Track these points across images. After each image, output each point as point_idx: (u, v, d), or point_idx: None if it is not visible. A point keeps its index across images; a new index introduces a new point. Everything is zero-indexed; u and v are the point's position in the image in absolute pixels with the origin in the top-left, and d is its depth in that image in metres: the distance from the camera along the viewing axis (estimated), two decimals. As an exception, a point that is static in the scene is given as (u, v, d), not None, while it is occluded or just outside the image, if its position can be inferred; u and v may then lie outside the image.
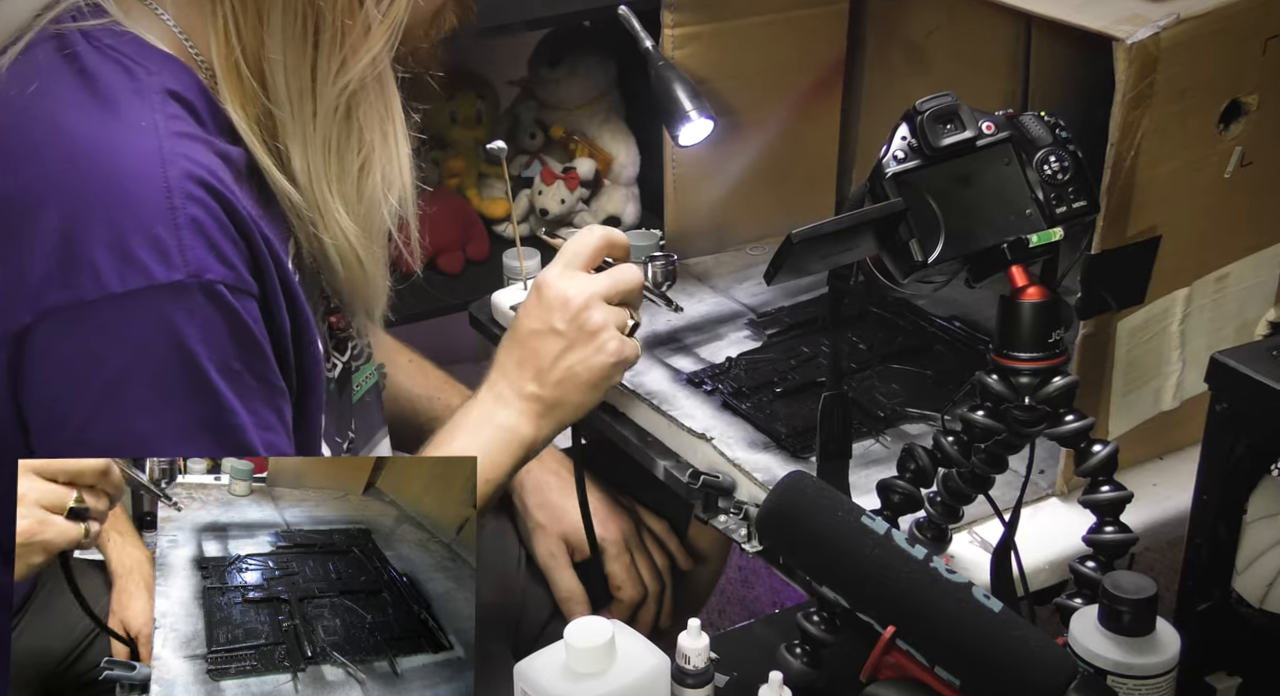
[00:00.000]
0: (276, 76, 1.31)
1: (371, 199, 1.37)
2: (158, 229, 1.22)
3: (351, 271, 1.40)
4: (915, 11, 2.00)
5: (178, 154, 1.25)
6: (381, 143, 1.37)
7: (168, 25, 1.34)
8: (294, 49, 1.30)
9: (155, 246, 1.22)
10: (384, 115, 1.37)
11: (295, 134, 1.33)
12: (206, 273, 1.23)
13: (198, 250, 1.23)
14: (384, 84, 1.36)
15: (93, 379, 1.23)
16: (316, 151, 1.33)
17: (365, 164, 1.36)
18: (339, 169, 1.35)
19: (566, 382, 1.55)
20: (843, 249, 1.36)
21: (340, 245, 1.37)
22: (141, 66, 1.30)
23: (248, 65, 1.31)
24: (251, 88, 1.31)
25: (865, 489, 1.52)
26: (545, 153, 2.70)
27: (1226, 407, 1.26)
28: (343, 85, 1.32)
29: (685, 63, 1.89)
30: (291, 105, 1.32)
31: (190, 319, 1.23)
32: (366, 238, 1.38)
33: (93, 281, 1.21)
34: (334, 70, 1.31)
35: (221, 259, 1.25)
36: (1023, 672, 1.17)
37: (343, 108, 1.33)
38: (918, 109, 1.35)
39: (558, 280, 1.57)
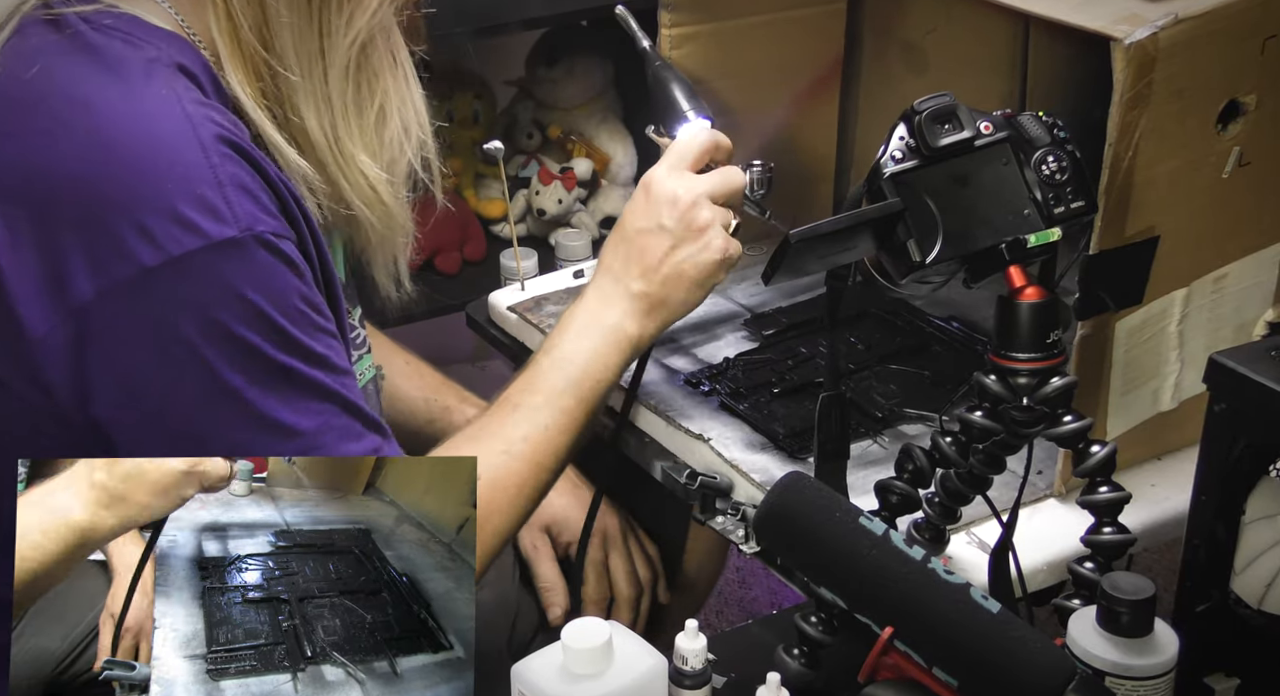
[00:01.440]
0: (284, 42, 1.31)
1: (392, 143, 1.39)
2: (203, 189, 1.22)
3: (380, 220, 1.41)
4: (913, 11, 2.00)
5: (202, 116, 1.25)
6: (394, 89, 1.38)
7: (163, 8, 1.34)
8: (300, 12, 1.31)
9: (204, 206, 1.22)
10: (393, 62, 1.38)
11: (308, 97, 1.33)
12: (258, 225, 1.24)
13: (245, 204, 1.24)
14: (389, 32, 1.37)
15: (169, 345, 1.23)
16: (333, 108, 1.34)
17: (381, 112, 1.38)
18: (359, 123, 1.36)
19: (673, 280, 1.55)
20: (841, 249, 1.36)
21: (366, 196, 1.38)
22: (147, 43, 1.30)
23: (254, 36, 1.31)
24: (258, 59, 1.32)
25: (863, 489, 1.52)
26: (542, 153, 2.70)
27: (1225, 408, 1.27)
28: (351, 39, 1.33)
29: (682, 62, 1.89)
30: (302, 69, 1.32)
31: (251, 272, 1.24)
32: (392, 184, 1.40)
33: (150, 249, 1.21)
34: (342, 26, 1.32)
35: (266, 212, 1.25)
36: (1021, 673, 1.17)
37: (354, 63, 1.34)
38: (916, 109, 1.35)
39: (666, 178, 1.56)
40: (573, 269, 2.10)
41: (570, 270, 2.10)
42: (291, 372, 1.27)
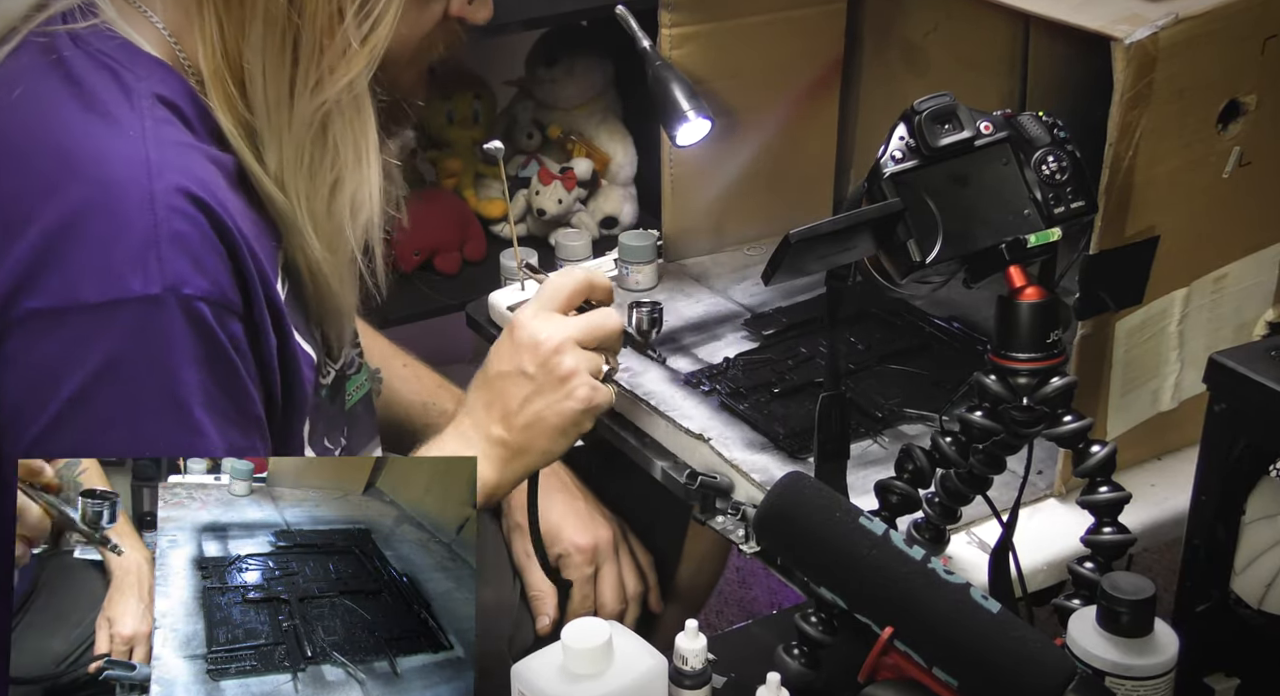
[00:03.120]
0: (255, 85, 1.30)
1: (339, 219, 1.35)
2: (138, 241, 1.21)
3: (319, 287, 1.39)
4: (913, 11, 2.00)
5: (166, 163, 1.24)
6: (354, 164, 1.35)
7: (157, 29, 1.34)
8: (272, 61, 1.30)
9: (135, 258, 1.21)
10: (358, 137, 1.35)
11: (272, 145, 1.32)
12: (185, 287, 1.22)
13: (178, 263, 1.22)
14: (360, 106, 1.34)
15: (62, 385, 1.22)
16: (289, 164, 1.32)
17: (337, 183, 1.35)
18: (309, 185, 1.33)
19: (533, 428, 1.51)
20: (841, 249, 1.36)
21: (309, 259, 1.36)
22: (130, 71, 1.30)
23: (230, 72, 1.31)
24: (232, 95, 1.31)
25: (863, 489, 1.52)
26: (542, 153, 2.70)
27: (1225, 408, 1.27)
28: (318, 103, 1.31)
29: (683, 62, 1.89)
30: (269, 115, 1.31)
31: (165, 334, 1.22)
32: (332, 256, 1.37)
33: (69, 289, 1.20)
34: (310, 86, 1.31)
35: (203, 273, 1.23)
36: (1021, 673, 1.17)
37: (317, 124, 1.32)
38: (916, 109, 1.35)
39: (530, 321, 1.52)
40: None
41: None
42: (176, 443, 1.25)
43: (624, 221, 2.65)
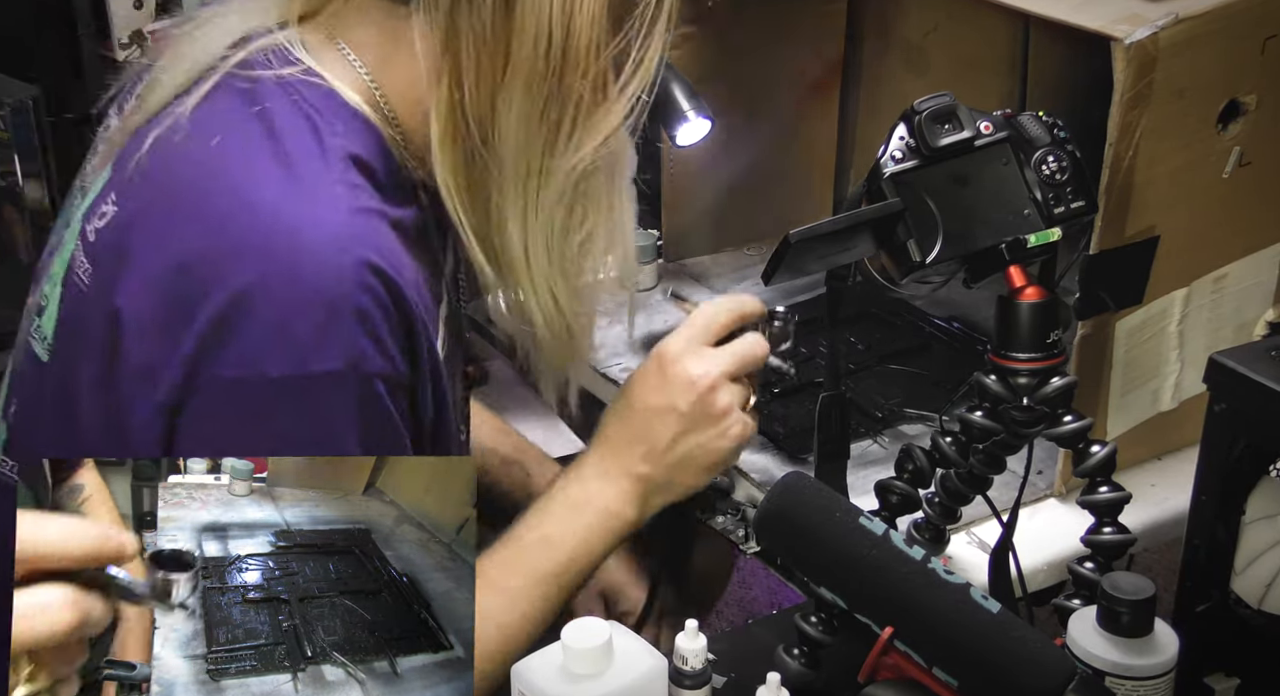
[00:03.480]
0: (505, 150, 1.23)
1: (591, 272, 1.32)
2: (323, 315, 1.16)
3: (560, 342, 1.34)
4: (913, 11, 2.00)
5: (358, 236, 1.19)
6: (606, 218, 1.31)
7: (359, 73, 1.27)
8: (529, 125, 1.23)
9: (319, 332, 1.16)
10: (612, 190, 1.31)
11: (515, 208, 1.25)
12: (365, 364, 1.18)
13: (360, 340, 1.17)
14: (616, 160, 1.30)
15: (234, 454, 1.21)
16: (538, 227, 1.26)
17: (588, 238, 1.30)
18: (562, 246, 1.28)
19: (681, 465, 1.44)
20: (840, 249, 1.36)
21: (550, 318, 1.31)
22: (329, 126, 1.23)
23: (476, 129, 1.23)
24: (474, 152, 1.24)
25: (863, 489, 1.52)
26: (542, 153, 2.69)
27: (1225, 408, 1.26)
28: (574, 163, 1.25)
29: (683, 62, 1.89)
30: (518, 178, 1.24)
31: (343, 409, 1.18)
32: (579, 304, 1.33)
33: (253, 360, 1.16)
34: (569, 149, 1.24)
35: (382, 351, 1.19)
36: (1021, 673, 1.17)
37: (572, 187, 1.26)
38: (915, 109, 1.35)
39: (683, 356, 1.44)
40: (572, 269, 2.10)
41: (570, 270, 2.10)
42: None
43: (624, 221, 2.64)
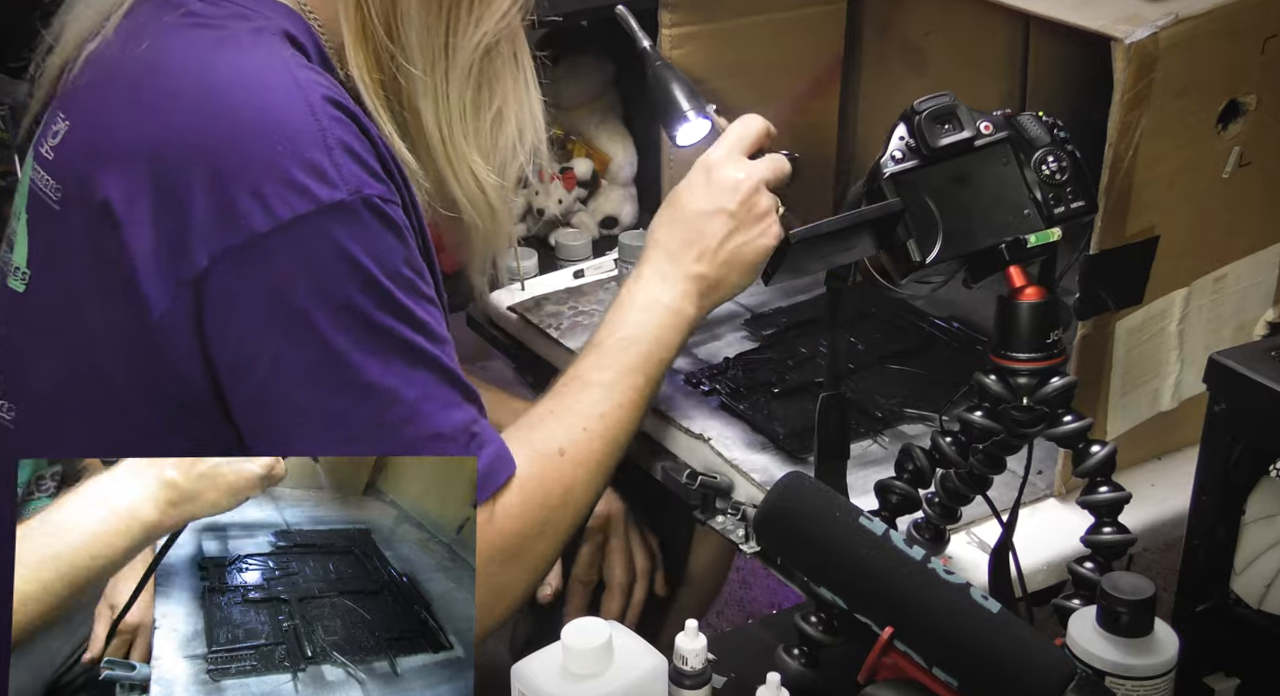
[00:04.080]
0: (410, 36, 1.33)
1: (506, 147, 1.41)
2: (312, 153, 1.23)
3: (485, 221, 1.43)
4: (913, 11, 2.00)
5: (309, 80, 1.26)
6: (514, 92, 1.40)
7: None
8: (429, 7, 1.32)
9: (314, 170, 1.23)
10: (515, 66, 1.40)
11: (427, 93, 1.35)
12: (365, 188, 1.25)
13: (353, 168, 1.25)
14: (515, 35, 1.39)
15: (279, 311, 1.24)
16: (451, 107, 1.36)
17: (499, 115, 1.39)
18: (475, 124, 1.38)
19: (731, 263, 1.55)
20: (841, 249, 1.36)
21: (474, 197, 1.40)
22: (255, 11, 1.32)
23: (380, 26, 1.32)
24: (382, 50, 1.33)
25: (863, 489, 1.52)
26: (542, 152, 2.69)
27: (1225, 408, 1.26)
28: (477, 40, 1.34)
29: (682, 62, 1.89)
30: (425, 65, 1.34)
31: (360, 235, 1.25)
32: (501, 183, 1.42)
33: (262, 214, 1.22)
34: (469, 26, 1.34)
35: (373, 174, 1.27)
36: (1021, 673, 1.17)
37: (477, 64, 1.36)
38: (915, 109, 1.35)
39: (726, 162, 1.58)
40: (573, 269, 2.11)
41: (570, 270, 2.10)
42: (396, 337, 1.29)
43: (624, 221, 2.64)
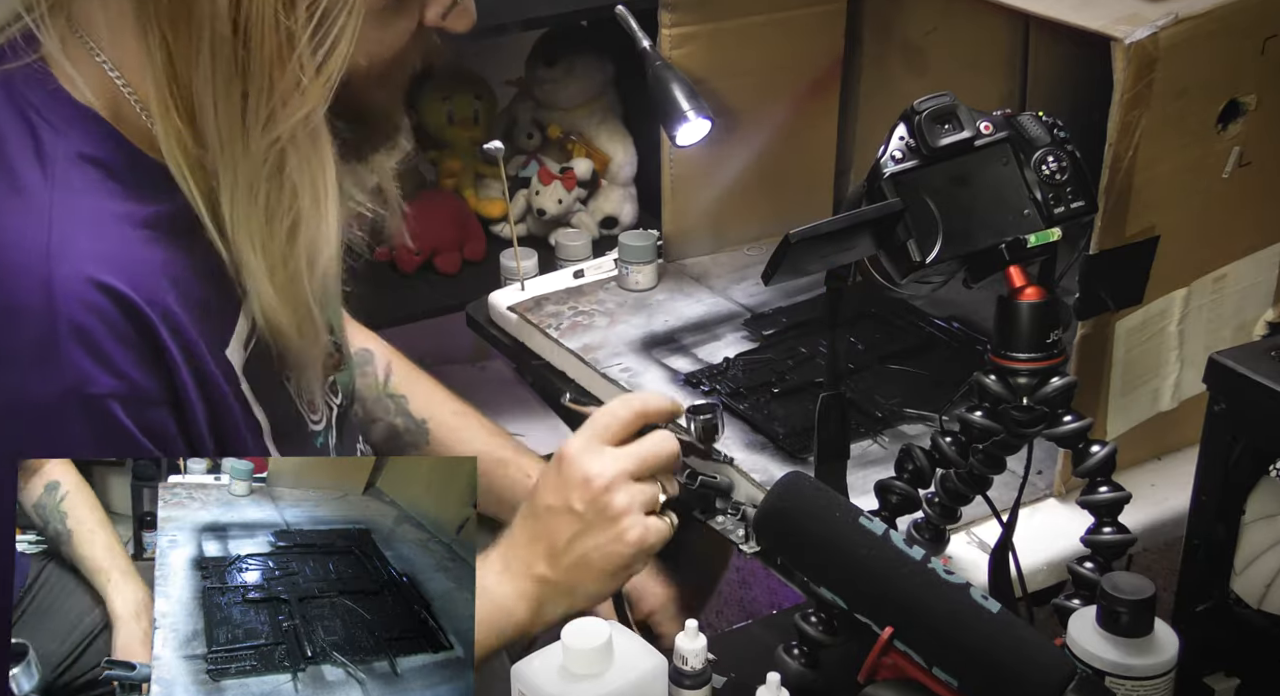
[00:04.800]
0: (205, 119, 1.20)
1: (295, 267, 1.25)
2: (35, 338, 1.13)
3: (279, 338, 1.28)
4: (913, 11, 2.00)
5: (71, 249, 1.16)
6: (312, 205, 1.24)
7: (99, 65, 1.25)
8: (221, 94, 1.19)
9: (32, 358, 1.13)
10: (315, 175, 1.24)
11: (226, 182, 1.22)
12: (89, 386, 1.15)
13: (81, 361, 1.14)
14: (317, 141, 1.24)
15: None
16: (243, 205, 1.22)
17: (294, 226, 1.24)
18: (265, 229, 1.23)
19: (580, 569, 1.39)
20: (841, 249, 1.36)
21: (266, 309, 1.26)
22: (50, 127, 1.21)
23: (179, 105, 1.21)
24: (182, 129, 1.21)
25: (863, 489, 1.52)
26: (542, 153, 2.70)
27: (1225, 408, 1.26)
28: (271, 139, 1.21)
29: (682, 62, 1.89)
30: (221, 151, 1.21)
31: (68, 442, 1.16)
32: (287, 307, 1.26)
33: None
34: (262, 121, 1.20)
35: (110, 369, 1.16)
36: (1021, 673, 1.17)
37: (272, 161, 1.22)
38: (915, 109, 1.35)
39: (580, 455, 1.41)
40: (573, 269, 2.11)
41: (570, 270, 2.11)
42: None
43: (624, 221, 2.64)
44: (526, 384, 2.51)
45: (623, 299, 2.01)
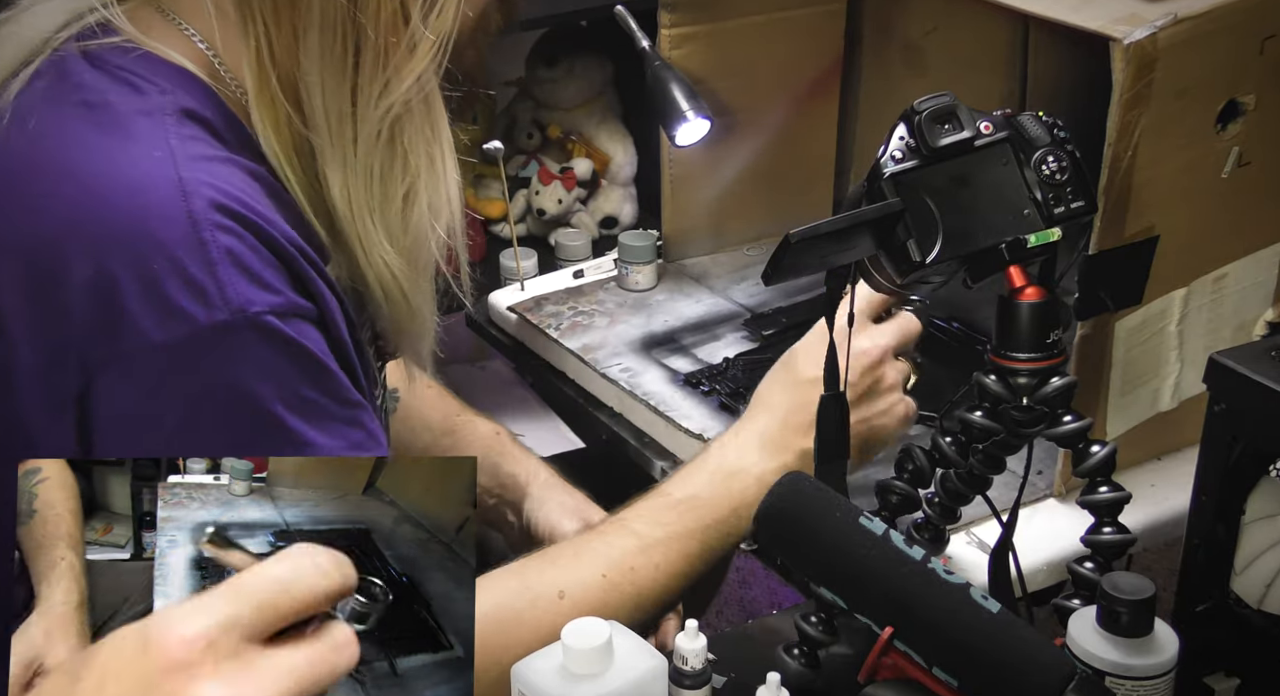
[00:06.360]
0: (314, 100, 1.20)
1: (418, 229, 1.26)
2: (191, 268, 1.12)
3: (396, 306, 1.29)
4: (913, 11, 2.00)
5: (199, 180, 1.14)
6: (428, 168, 1.26)
7: (194, 43, 1.24)
8: (333, 70, 1.19)
9: (191, 288, 1.11)
10: (430, 138, 1.26)
11: (335, 160, 1.21)
12: (251, 306, 1.13)
13: (238, 283, 1.13)
14: (430, 105, 1.25)
15: (154, 435, 1.15)
16: (358, 179, 1.22)
17: (410, 191, 1.25)
18: (382, 197, 1.24)
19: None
20: (840, 249, 1.36)
21: (384, 278, 1.26)
22: (153, 84, 1.19)
23: (283, 88, 1.20)
24: (286, 112, 1.20)
25: (863, 489, 1.52)
26: (542, 152, 2.70)
27: (1225, 408, 1.26)
28: (386, 108, 1.21)
29: (682, 62, 1.89)
30: (330, 131, 1.21)
31: (245, 359, 1.14)
32: (412, 271, 1.28)
33: (132, 333, 1.11)
34: (377, 92, 1.20)
35: (265, 287, 1.14)
36: (1021, 673, 1.17)
37: (386, 132, 1.22)
38: (915, 109, 1.35)
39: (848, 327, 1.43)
40: (573, 269, 2.11)
41: (570, 270, 2.11)
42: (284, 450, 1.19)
43: (624, 221, 2.64)
44: (526, 384, 2.51)
45: (622, 299, 2.01)
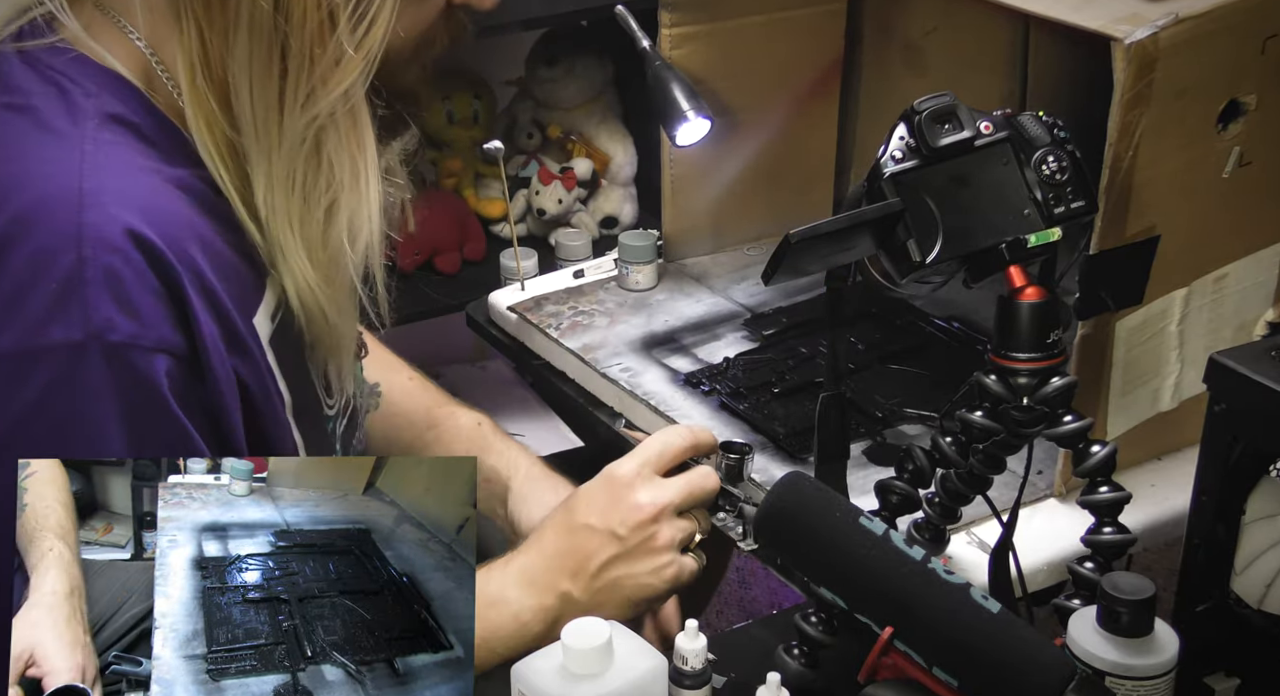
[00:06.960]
0: (241, 100, 1.19)
1: (336, 246, 1.25)
2: (60, 282, 1.12)
3: (313, 321, 1.28)
4: (913, 11, 2.00)
5: (104, 193, 1.15)
6: (351, 183, 1.24)
7: (132, 42, 1.24)
8: (259, 73, 1.19)
9: (56, 302, 1.12)
10: (355, 153, 1.24)
11: (260, 165, 1.21)
12: (110, 333, 1.12)
13: (105, 307, 1.12)
14: (357, 118, 1.24)
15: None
16: (279, 185, 1.22)
17: (333, 205, 1.24)
18: (303, 208, 1.23)
19: (607, 592, 1.39)
20: (841, 249, 1.36)
21: (301, 290, 1.25)
22: (79, 87, 1.20)
23: (213, 86, 1.20)
24: (215, 111, 1.21)
25: (863, 489, 1.52)
26: (542, 152, 2.70)
27: (1225, 408, 1.26)
28: (311, 117, 1.20)
29: (682, 62, 1.89)
30: (256, 133, 1.20)
31: (89, 385, 1.13)
32: (329, 287, 1.26)
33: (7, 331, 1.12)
34: (301, 100, 1.20)
35: (133, 315, 1.13)
36: (1021, 673, 1.17)
37: (310, 141, 1.21)
38: (916, 109, 1.35)
39: (634, 481, 1.40)
40: (573, 269, 2.11)
41: (570, 270, 2.11)
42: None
43: (624, 221, 2.64)
44: (526, 384, 2.51)
45: (623, 299, 2.01)
